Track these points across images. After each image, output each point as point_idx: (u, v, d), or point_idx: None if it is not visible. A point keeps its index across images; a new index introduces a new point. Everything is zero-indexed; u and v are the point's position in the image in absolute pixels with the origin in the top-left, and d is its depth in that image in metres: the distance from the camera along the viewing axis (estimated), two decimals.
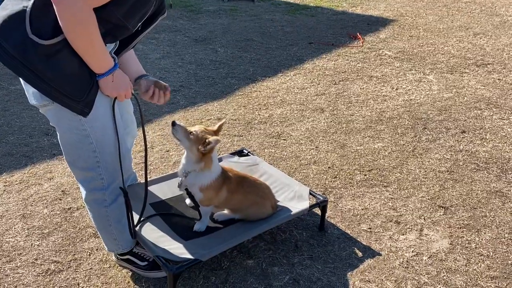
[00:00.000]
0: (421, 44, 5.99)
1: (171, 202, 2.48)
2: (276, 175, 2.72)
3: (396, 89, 4.62)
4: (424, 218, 2.69)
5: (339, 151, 3.42)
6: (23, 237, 2.44)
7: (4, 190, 2.84)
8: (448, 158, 3.33)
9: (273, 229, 2.52)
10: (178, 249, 2.08)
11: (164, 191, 2.55)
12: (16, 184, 2.91)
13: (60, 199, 2.76)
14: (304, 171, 3.15)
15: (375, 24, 6.98)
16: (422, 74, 5.00)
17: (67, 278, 2.17)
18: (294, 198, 2.52)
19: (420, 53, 5.66)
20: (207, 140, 2.05)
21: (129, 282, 2.16)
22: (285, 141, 3.57)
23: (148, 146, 3.41)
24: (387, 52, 5.70)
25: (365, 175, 3.12)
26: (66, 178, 2.96)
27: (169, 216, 2.37)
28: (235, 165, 2.79)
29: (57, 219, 2.59)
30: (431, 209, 2.77)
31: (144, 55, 5.38)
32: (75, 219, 2.59)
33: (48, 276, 2.18)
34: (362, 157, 3.35)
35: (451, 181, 3.05)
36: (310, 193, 2.54)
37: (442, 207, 2.79)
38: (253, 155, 2.94)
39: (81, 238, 2.44)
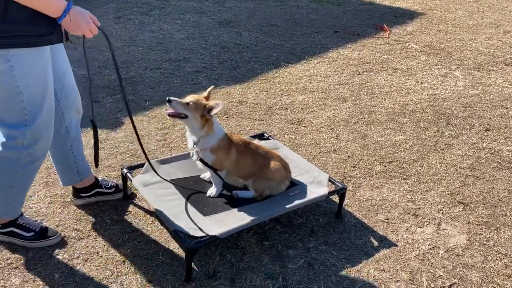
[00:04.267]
0: (449, 39, 5.87)
1: (191, 180, 2.51)
2: (296, 160, 2.72)
3: (421, 83, 4.55)
4: (442, 213, 2.66)
5: (359, 141, 3.40)
6: (46, 204, 2.50)
7: None
8: (470, 155, 3.29)
9: (290, 214, 2.53)
10: (196, 224, 2.11)
11: (184, 169, 2.58)
12: None
13: None
14: (323, 158, 3.15)
15: (403, 16, 6.86)
16: (448, 69, 4.91)
17: (87, 246, 2.22)
18: (313, 184, 2.52)
19: (448, 48, 5.55)
20: (208, 106, 2.21)
21: (146, 254, 2.20)
22: (305, 128, 3.56)
23: (170, 125, 3.44)
24: (413, 45, 5.61)
25: (385, 166, 3.10)
26: (89, 150, 3.00)
27: (189, 192, 2.40)
28: None
29: None
30: (450, 204, 2.74)
31: (169, 35, 5.39)
32: None
33: (69, 243, 2.24)
34: (382, 148, 3.32)
35: (472, 178, 3.01)
36: (329, 180, 2.54)
37: (462, 203, 2.76)
38: (273, 139, 2.95)
39: (101, 209, 2.49)
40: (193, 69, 4.50)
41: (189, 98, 2.24)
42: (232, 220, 2.18)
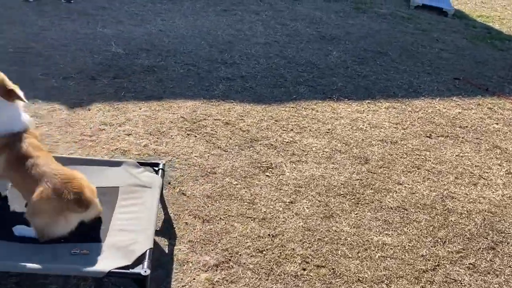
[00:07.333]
0: None
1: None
2: (148, 212, 1.98)
3: None
4: None
5: (312, 222, 2.37)
6: None
7: None
8: None
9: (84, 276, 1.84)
10: None
11: None
12: None
13: None
14: (231, 224, 2.27)
15: None
16: None
17: None
18: (119, 250, 1.78)
19: None
20: None
21: None
22: (267, 177, 2.67)
23: (118, 122, 3.01)
24: None
25: (304, 269, 2.06)
26: None
27: None
28: (127, 176, 2.15)
29: None
30: None
31: (250, 37, 4.89)
32: None
33: None
34: (332, 243, 2.24)
35: None
36: (148, 256, 1.75)
37: None
38: (164, 175, 2.24)
39: None
40: (228, 75, 3.93)
41: None
42: None
